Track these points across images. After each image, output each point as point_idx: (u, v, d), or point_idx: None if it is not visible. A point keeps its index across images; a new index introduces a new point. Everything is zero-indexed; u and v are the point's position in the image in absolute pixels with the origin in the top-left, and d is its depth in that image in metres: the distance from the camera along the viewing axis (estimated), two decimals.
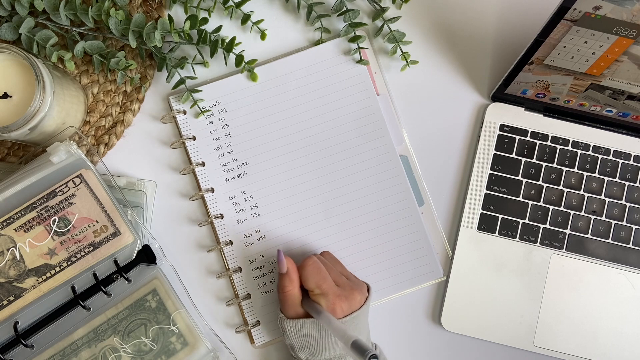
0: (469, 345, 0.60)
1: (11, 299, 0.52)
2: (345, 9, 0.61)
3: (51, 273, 0.53)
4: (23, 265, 0.52)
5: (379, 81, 0.62)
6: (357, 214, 0.60)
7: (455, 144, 0.63)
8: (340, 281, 0.53)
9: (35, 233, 0.53)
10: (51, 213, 0.53)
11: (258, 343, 0.59)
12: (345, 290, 0.52)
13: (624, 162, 0.61)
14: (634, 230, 0.60)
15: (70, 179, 0.53)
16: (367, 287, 0.55)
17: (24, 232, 0.52)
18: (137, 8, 0.61)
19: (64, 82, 0.55)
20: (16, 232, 0.52)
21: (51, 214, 0.53)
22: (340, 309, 0.51)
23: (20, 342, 0.52)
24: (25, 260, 0.52)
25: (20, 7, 0.55)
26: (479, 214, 0.60)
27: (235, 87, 0.61)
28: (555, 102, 0.60)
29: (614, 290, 0.60)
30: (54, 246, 0.53)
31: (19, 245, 0.52)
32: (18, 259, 0.52)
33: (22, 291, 0.52)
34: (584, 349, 0.59)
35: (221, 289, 0.60)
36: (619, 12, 0.47)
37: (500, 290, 0.59)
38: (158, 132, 0.62)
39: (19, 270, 0.52)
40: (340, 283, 0.53)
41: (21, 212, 0.52)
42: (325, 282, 0.52)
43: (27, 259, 0.52)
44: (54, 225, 0.53)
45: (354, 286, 0.53)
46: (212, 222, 0.60)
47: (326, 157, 0.61)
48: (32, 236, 0.52)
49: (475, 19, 0.64)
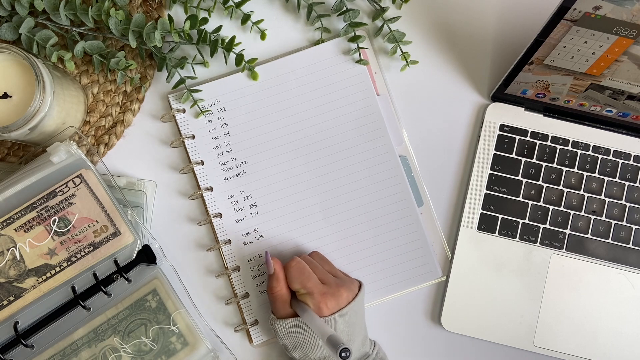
0: (469, 345, 0.60)
1: (11, 299, 0.52)
2: (345, 9, 0.61)
3: (51, 273, 0.53)
4: (23, 265, 0.52)
5: (379, 81, 0.62)
6: (356, 213, 0.60)
7: (455, 144, 0.63)
8: (327, 279, 0.54)
9: (35, 233, 0.52)
10: (51, 213, 0.53)
11: (256, 342, 0.59)
12: (331, 288, 0.52)
13: (624, 162, 0.61)
14: (634, 230, 0.60)
15: (70, 179, 0.53)
16: (360, 285, 0.55)
17: (24, 232, 0.52)
18: (137, 8, 0.61)
19: (64, 82, 0.55)
20: (16, 232, 0.52)
21: (51, 214, 0.53)
22: (325, 307, 0.51)
23: (21, 342, 0.52)
24: (26, 260, 0.52)
25: (20, 7, 0.55)
26: (479, 214, 0.60)
27: (235, 86, 0.61)
28: (555, 102, 0.60)
29: (614, 290, 0.60)
30: (54, 246, 0.53)
31: (19, 245, 0.52)
32: (18, 259, 0.52)
33: (22, 291, 0.52)
34: (584, 349, 0.59)
35: (220, 288, 0.60)
36: (619, 12, 0.47)
37: (500, 290, 0.59)
38: (158, 132, 0.62)
39: (19, 270, 0.52)
40: (326, 281, 0.53)
41: (21, 212, 0.52)
42: (310, 281, 0.52)
43: (27, 259, 0.52)
44: (54, 225, 0.53)
45: (340, 283, 0.54)
46: (211, 221, 0.60)
47: (325, 156, 0.61)
48: (32, 236, 0.52)
49: (475, 19, 0.64)
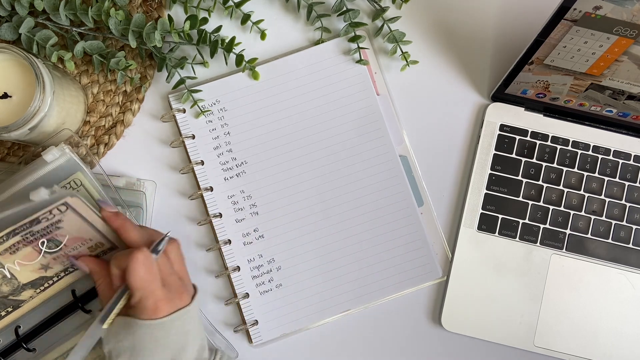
0: (469, 345, 0.60)
1: (9, 310, 0.51)
2: (345, 9, 0.61)
3: (49, 283, 0.51)
4: (16, 282, 0.49)
5: (379, 81, 0.62)
6: (356, 213, 0.60)
7: (455, 144, 0.62)
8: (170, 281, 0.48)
9: (23, 254, 0.47)
10: (37, 237, 0.47)
11: (256, 342, 0.59)
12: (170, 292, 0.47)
13: (624, 162, 0.61)
14: (634, 230, 0.60)
15: (54, 206, 0.45)
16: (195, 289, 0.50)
17: (10, 254, 0.47)
18: (137, 8, 0.61)
19: (63, 82, 0.55)
20: (1, 256, 0.47)
21: (37, 237, 0.47)
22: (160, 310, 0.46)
23: (22, 345, 0.52)
24: (18, 277, 0.49)
25: (20, 7, 0.55)
26: (479, 214, 0.60)
27: (235, 86, 0.61)
28: (555, 102, 0.60)
29: (614, 290, 0.60)
30: (47, 262, 0.49)
31: (7, 265, 0.48)
32: (9, 277, 0.48)
33: (20, 302, 0.51)
34: (584, 349, 0.59)
35: (220, 288, 0.60)
36: (619, 12, 0.47)
37: (500, 290, 0.59)
38: (158, 132, 0.62)
39: (12, 286, 0.49)
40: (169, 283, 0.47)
41: (2, 238, 0.46)
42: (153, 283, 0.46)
43: (19, 275, 0.49)
44: (42, 246, 0.48)
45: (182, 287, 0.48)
46: (211, 221, 0.60)
47: (325, 156, 0.61)
48: (20, 257, 0.47)
49: (475, 19, 0.64)
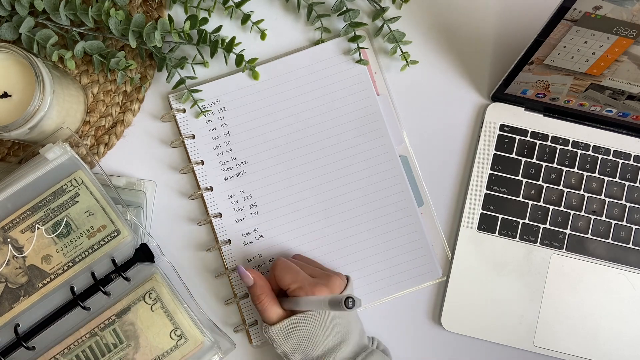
0: (469, 345, 0.60)
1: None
2: (345, 9, 0.61)
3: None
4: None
5: (379, 81, 0.62)
6: (356, 213, 0.60)
7: (455, 144, 0.62)
8: (316, 273, 0.54)
9: (33, 235, 0.52)
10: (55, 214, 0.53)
11: (256, 342, 0.59)
12: (322, 279, 0.52)
13: (624, 162, 0.61)
14: (634, 230, 0.60)
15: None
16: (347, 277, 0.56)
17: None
18: (137, 8, 0.61)
19: (63, 82, 0.55)
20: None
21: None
22: None
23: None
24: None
25: (20, 7, 0.55)
26: (479, 214, 0.60)
27: (235, 86, 0.61)
28: (555, 102, 0.60)
29: (614, 290, 0.59)
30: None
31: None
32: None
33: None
34: (584, 349, 0.59)
35: (220, 288, 0.60)
36: (619, 12, 0.47)
37: (500, 290, 0.59)
38: (158, 132, 0.62)
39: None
40: (315, 275, 0.54)
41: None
42: (299, 275, 0.53)
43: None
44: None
45: (331, 274, 0.54)
46: (211, 221, 0.60)
47: (325, 156, 0.61)
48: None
49: (475, 19, 0.64)
